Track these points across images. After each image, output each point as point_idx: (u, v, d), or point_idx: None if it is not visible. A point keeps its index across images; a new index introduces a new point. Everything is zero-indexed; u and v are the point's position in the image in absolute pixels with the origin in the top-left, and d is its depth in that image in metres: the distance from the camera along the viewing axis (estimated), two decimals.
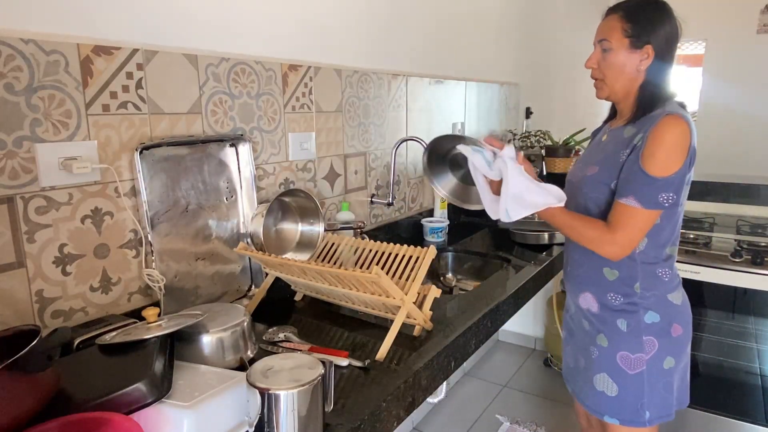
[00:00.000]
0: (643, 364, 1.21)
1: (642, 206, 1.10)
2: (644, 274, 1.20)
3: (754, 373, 1.99)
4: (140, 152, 1.10)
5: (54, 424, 0.71)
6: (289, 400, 0.75)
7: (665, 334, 1.21)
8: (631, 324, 1.21)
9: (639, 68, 1.16)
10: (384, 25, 1.84)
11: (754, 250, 1.95)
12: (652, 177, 1.08)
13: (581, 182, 1.25)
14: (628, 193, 1.11)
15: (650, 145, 1.09)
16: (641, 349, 1.21)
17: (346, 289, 1.15)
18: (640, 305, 1.21)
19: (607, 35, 1.17)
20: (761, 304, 1.92)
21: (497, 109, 2.75)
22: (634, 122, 1.17)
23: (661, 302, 1.21)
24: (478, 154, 1.19)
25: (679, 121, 1.08)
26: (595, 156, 1.26)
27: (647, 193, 1.09)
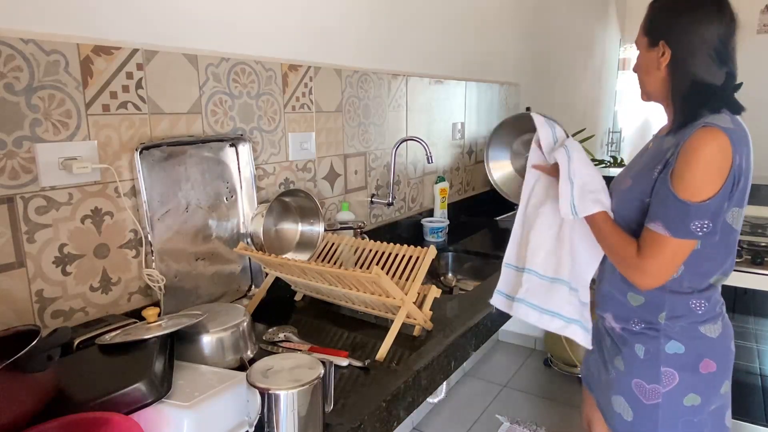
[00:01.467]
0: (658, 397, 1.08)
1: (670, 234, 0.96)
2: (672, 305, 1.07)
3: (754, 373, 1.99)
4: (140, 152, 1.10)
5: (54, 424, 0.71)
6: (289, 400, 0.75)
7: (690, 368, 1.07)
8: (649, 351, 1.09)
9: (659, 67, 1.05)
10: (384, 25, 1.84)
11: (754, 250, 1.95)
12: (682, 201, 0.94)
13: (616, 194, 1.12)
14: (656, 217, 0.98)
15: (680, 163, 0.95)
16: (657, 381, 1.08)
17: (346, 289, 1.15)
18: (662, 332, 1.08)
19: (637, 36, 1.11)
20: (761, 304, 1.92)
21: (497, 109, 2.75)
22: (675, 132, 1.03)
23: (688, 333, 1.07)
24: (549, 128, 1.15)
25: (715, 135, 0.93)
26: (633, 167, 1.14)
27: (676, 219, 0.95)
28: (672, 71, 1.04)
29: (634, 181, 1.08)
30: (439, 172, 2.27)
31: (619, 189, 1.12)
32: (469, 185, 2.55)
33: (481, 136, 2.61)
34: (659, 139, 1.11)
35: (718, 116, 0.98)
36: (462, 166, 2.46)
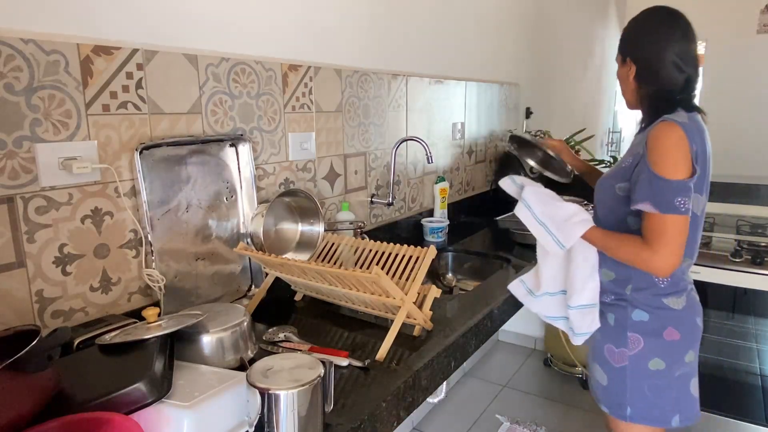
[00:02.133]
0: (625, 360, 1.23)
1: (658, 211, 1.07)
2: (637, 279, 1.22)
3: (754, 373, 1.99)
4: (140, 152, 1.10)
5: (54, 424, 0.71)
6: (289, 400, 0.75)
7: (654, 334, 1.20)
8: (618, 319, 1.25)
9: (629, 79, 1.25)
10: (384, 25, 1.84)
11: (754, 250, 1.95)
12: (665, 179, 1.06)
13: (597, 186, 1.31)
14: (643, 198, 1.09)
15: (652, 150, 1.09)
16: (624, 344, 1.23)
17: (346, 289, 1.15)
18: (629, 302, 1.23)
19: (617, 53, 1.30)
20: (761, 304, 1.92)
21: (497, 109, 2.75)
22: (642, 131, 1.24)
23: (652, 303, 1.21)
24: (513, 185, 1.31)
25: (671, 125, 1.09)
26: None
27: (660, 196, 1.07)
28: (638, 82, 1.24)
29: (611, 173, 1.27)
30: (439, 172, 2.27)
31: (600, 182, 1.31)
32: (469, 185, 2.55)
33: (481, 136, 2.61)
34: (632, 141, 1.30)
35: (675, 114, 1.15)
36: (462, 166, 2.46)
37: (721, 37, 2.71)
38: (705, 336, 2.05)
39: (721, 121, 2.63)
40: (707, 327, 2.05)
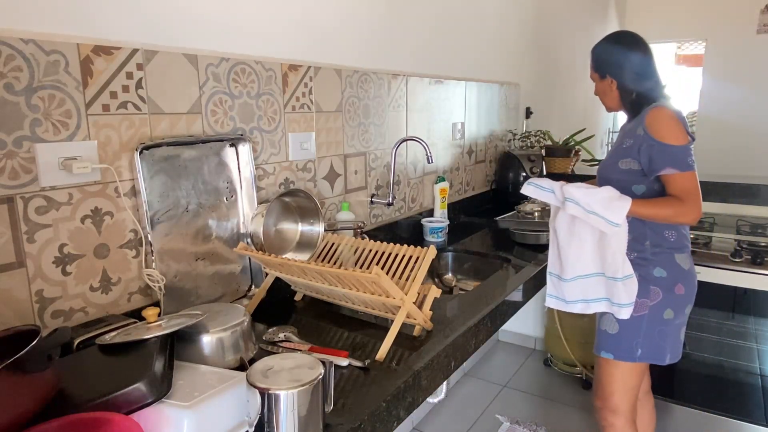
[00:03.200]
0: (645, 309, 1.44)
1: (679, 170, 1.33)
2: (652, 234, 1.44)
3: (754, 373, 1.99)
4: (140, 152, 1.10)
5: (54, 424, 0.71)
6: (289, 400, 0.75)
7: (669, 289, 1.43)
8: (642, 275, 1.44)
9: (611, 90, 1.54)
10: (384, 25, 1.84)
11: (754, 250, 1.95)
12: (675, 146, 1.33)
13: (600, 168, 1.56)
14: (663, 165, 1.34)
15: (657, 127, 1.36)
16: (647, 295, 1.44)
17: (346, 289, 1.15)
18: (650, 261, 1.44)
19: (591, 73, 1.60)
20: (761, 304, 1.92)
21: (497, 109, 2.75)
22: (631, 120, 1.52)
23: (668, 261, 1.44)
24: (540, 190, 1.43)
25: (663, 108, 1.39)
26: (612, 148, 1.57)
27: (678, 159, 1.33)
28: (620, 91, 1.52)
29: (612, 153, 1.52)
30: (439, 172, 2.27)
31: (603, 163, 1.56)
32: (469, 185, 2.55)
33: (481, 136, 2.61)
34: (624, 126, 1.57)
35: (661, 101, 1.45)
36: (462, 166, 2.46)
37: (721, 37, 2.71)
38: (705, 336, 2.06)
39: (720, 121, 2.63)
40: (707, 327, 2.05)
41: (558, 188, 1.39)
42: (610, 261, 1.40)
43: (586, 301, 1.48)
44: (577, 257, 1.44)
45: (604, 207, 1.33)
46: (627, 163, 1.44)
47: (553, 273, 1.52)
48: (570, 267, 1.45)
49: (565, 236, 1.44)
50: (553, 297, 1.53)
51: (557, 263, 1.50)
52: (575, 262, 1.45)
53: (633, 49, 1.49)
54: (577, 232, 1.42)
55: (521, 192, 1.43)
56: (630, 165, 1.43)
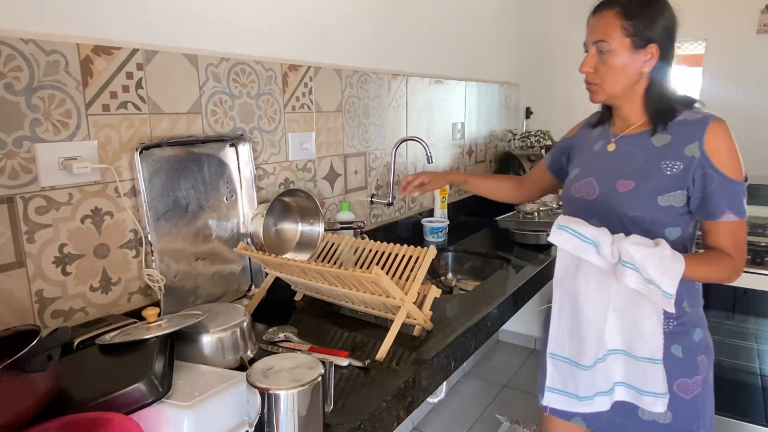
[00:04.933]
0: (698, 386, 1.11)
1: (739, 218, 1.04)
2: (689, 290, 1.11)
3: (754, 373, 1.99)
4: (140, 152, 1.10)
5: (54, 424, 0.71)
6: (289, 400, 0.75)
7: (708, 348, 1.15)
8: (685, 347, 1.10)
9: (643, 70, 1.07)
10: (384, 25, 1.84)
11: (754, 250, 1.95)
12: (740, 183, 1.03)
13: (609, 201, 1.10)
14: (723, 209, 1.03)
15: (723, 154, 1.02)
16: (697, 371, 1.11)
17: (346, 289, 1.15)
18: (688, 324, 1.11)
19: (604, 35, 1.06)
20: (761, 304, 1.92)
21: (497, 109, 2.75)
22: (663, 130, 1.08)
23: (699, 315, 1.15)
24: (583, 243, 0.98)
25: (726, 126, 1.04)
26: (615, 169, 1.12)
27: (739, 202, 1.04)
28: (654, 74, 1.08)
29: (641, 182, 1.08)
30: None
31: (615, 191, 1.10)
32: None
33: (481, 136, 2.61)
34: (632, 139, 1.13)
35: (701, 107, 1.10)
36: (462, 166, 2.46)
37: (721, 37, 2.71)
38: None
39: None
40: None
41: (607, 242, 0.96)
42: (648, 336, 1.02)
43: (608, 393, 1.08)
44: (601, 330, 1.03)
45: (660, 271, 0.93)
46: (670, 198, 1.05)
47: (560, 356, 1.09)
48: (592, 347, 1.04)
49: (591, 302, 1.03)
50: (556, 392, 1.11)
51: (569, 342, 1.07)
52: (599, 340, 1.04)
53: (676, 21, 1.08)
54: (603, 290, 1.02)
55: (548, 240, 1.01)
56: (673, 200, 1.05)
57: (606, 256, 0.96)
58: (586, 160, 1.22)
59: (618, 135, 1.16)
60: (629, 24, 1.04)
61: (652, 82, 1.09)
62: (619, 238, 0.96)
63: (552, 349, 1.10)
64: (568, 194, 1.22)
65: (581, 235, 0.97)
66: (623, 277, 0.95)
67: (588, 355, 1.05)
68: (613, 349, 1.06)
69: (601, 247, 0.96)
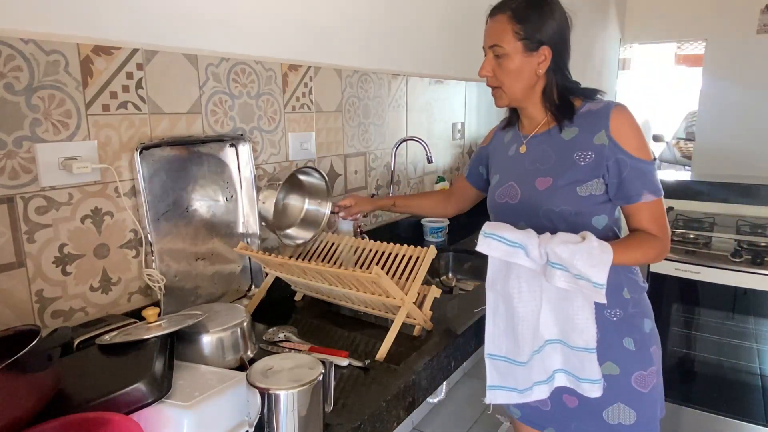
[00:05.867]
0: (654, 378, 1.12)
1: (656, 196, 1.05)
2: (627, 279, 1.12)
3: (754, 373, 1.99)
4: (140, 152, 1.10)
5: (54, 424, 0.71)
6: (289, 400, 0.75)
7: (656, 336, 1.15)
8: (637, 339, 1.11)
9: (537, 72, 1.09)
10: (384, 25, 1.84)
11: (754, 250, 1.95)
12: (650, 163, 1.05)
13: (533, 199, 1.11)
14: (642, 189, 1.04)
15: (628, 136, 1.04)
16: (651, 362, 1.12)
17: (346, 289, 1.15)
18: (636, 315, 1.12)
19: (498, 39, 1.08)
20: (761, 304, 1.92)
21: (497, 109, 2.74)
22: (569, 124, 1.10)
23: (645, 304, 1.15)
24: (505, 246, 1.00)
25: (627, 110, 1.07)
26: (531, 169, 1.14)
27: (654, 180, 1.05)
28: (553, 74, 1.10)
29: (558, 177, 1.09)
30: (439, 172, 2.27)
31: (538, 190, 1.11)
32: None
33: (481, 136, 2.61)
34: (540, 138, 1.14)
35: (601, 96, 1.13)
36: (462, 166, 2.46)
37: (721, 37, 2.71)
38: (705, 336, 2.06)
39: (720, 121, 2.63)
40: (707, 327, 2.05)
41: (534, 244, 0.98)
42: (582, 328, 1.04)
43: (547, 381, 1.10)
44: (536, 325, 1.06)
45: (588, 264, 0.93)
46: (588, 188, 1.07)
47: (498, 356, 1.10)
48: (527, 344, 1.07)
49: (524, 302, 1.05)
50: (497, 389, 1.11)
51: (505, 341, 1.09)
52: (534, 335, 1.06)
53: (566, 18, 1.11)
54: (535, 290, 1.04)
55: (477, 249, 1.01)
56: (592, 189, 1.07)
57: (535, 258, 0.98)
58: (504, 166, 1.23)
59: (527, 136, 1.18)
60: (519, 27, 1.06)
61: (548, 83, 1.11)
62: (546, 239, 0.98)
63: (489, 350, 1.11)
64: (492, 201, 1.23)
65: (508, 240, 0.99)
66: (553, 278, 0.97)
67: (524, 351, 1.07)
68: (550, 339, 1.08)
69: (529, 250, 0.98)
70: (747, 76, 2.65)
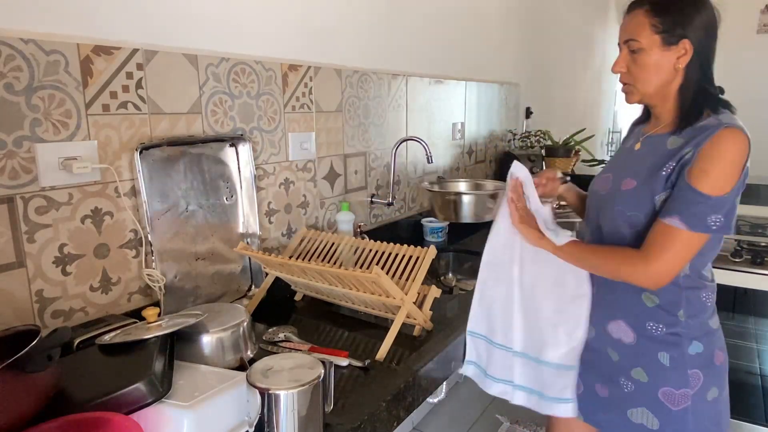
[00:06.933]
0: (688, 400, 1.07)
1: (688, 228, 0.96)
2: (688, 301, 1.07)
3: (754, 373, 1.99)
4: (140, 152, 1.10)
5: (54, 424, 0.71)
6: (289, 400, 0.75)
7: (709, 364, 1.09)
8: (674, 357, 1.07)
9: (677, 67, 1.02)
10: (384, 25, 1.84)
11: (754, 250, 1.95)
12: (703, 195, 0.95)
13: (614, 198, 1.10)
14: (672, 212, 0.98)
15: (704, 159, 0.96)
16: (686, 384, 1.07)
17: (346, 289, 1.15)
18: (683, 335, 1.07)
19: (634, 34, 1.04)
20: (761, 304, 1.92)
21: (497, 109, 2.75)
22: (679, 132, 1.04)
23: (703, 329, 1.09)
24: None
25: (739, 136, 0.96)
26: (629, 168, 1.12)
27: (696, 213, 0.96)
28: (688, 71, 1.03)
29: (642, 182, 1.06)
30: (439, 172, 2.27)
31: (620, 190, 1.10)
32: None
33: (481, 136, 2.61)
34: (654, 139, 1.10)
35: (728, 116, 1.01)
36: (462, 166, 2.46)
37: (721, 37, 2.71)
38: None
39: None
40: None
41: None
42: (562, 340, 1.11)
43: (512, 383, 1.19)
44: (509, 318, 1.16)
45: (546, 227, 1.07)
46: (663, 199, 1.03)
47: (477, 333, 1.22)
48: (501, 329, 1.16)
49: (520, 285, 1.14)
50: (472, 364, 1.23)
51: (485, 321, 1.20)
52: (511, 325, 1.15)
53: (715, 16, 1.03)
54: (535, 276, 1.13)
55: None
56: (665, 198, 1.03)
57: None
58: (616, 157, 1.23)
59: (646, 134, 1.14)
60: (658, 21, 1.02)
61: (687, 81, 1.04)
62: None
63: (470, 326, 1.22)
64: (590, 187, 1.23)
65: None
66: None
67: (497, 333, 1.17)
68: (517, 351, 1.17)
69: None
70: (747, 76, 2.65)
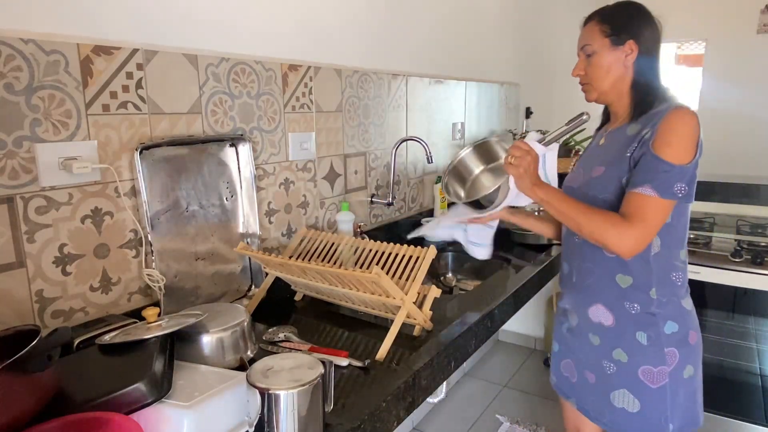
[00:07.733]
0: (665, 377, 1.16)
1: (658, 195, 1.05)
2: (659, 279, 1.16)
3: (754, 373, 1.99)
4: (140, 152, 1.10)
5: (54, 424, 0.71)
6: (289, 400, 0.75)
7: (684, 343, 1.17)
8: (651, 336, 1.16)
9: (625, 64, 1.16)
10: (384, 25, 1.84)
11: (754, 250, 1.95)
12: (668, 163, 1.05)
13: (586, 185, 1.22)
14: (643, 182, 1.06)
15: (664, 134, 1.06)
16: (663, 362, 1.16)
17: (346, 289, 1.15)
18: (658, 315, 1.16)
19: (588, 40, 1.19)
20: (761, 304, 1.92)
21: (497, 109, 2.75)
22: (636, 120, 1.16)
23: (677, 310, 1.18)
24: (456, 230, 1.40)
25: (689, 113, 1.07)
26: (596, 159, 1.24)
27: (664, 180, 1.05)
28: (638, 70, 1.17)
29: (609, 167, 1.17)
30: (439, 172, 2.27)
31: (591, 177, 1.21)
32: None
33: (481, 136, 2.61)
34: (616, 132, 1.22)
35: (676, 100, 1.14)
36: None
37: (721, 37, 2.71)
38: (705, 336, 2.05)
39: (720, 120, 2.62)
40: (707, 327, 2.05)
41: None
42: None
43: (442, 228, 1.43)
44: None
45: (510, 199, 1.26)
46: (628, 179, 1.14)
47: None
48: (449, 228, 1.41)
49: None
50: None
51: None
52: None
53: (653, 22, 1.17)
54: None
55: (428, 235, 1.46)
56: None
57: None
58: (585, 155, 1.35)
59: (608, 131, 1.26)
60: (607, 27, 1.17)
61: (636, 77, 1.17)
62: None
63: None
64: (564, 184, 1.33)
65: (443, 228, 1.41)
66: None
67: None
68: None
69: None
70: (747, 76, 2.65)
